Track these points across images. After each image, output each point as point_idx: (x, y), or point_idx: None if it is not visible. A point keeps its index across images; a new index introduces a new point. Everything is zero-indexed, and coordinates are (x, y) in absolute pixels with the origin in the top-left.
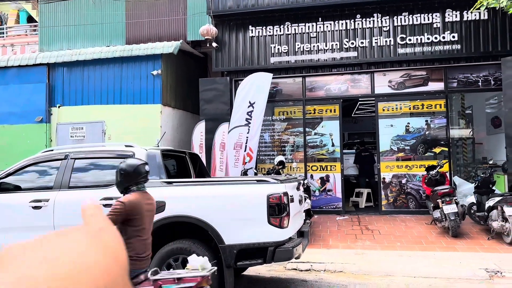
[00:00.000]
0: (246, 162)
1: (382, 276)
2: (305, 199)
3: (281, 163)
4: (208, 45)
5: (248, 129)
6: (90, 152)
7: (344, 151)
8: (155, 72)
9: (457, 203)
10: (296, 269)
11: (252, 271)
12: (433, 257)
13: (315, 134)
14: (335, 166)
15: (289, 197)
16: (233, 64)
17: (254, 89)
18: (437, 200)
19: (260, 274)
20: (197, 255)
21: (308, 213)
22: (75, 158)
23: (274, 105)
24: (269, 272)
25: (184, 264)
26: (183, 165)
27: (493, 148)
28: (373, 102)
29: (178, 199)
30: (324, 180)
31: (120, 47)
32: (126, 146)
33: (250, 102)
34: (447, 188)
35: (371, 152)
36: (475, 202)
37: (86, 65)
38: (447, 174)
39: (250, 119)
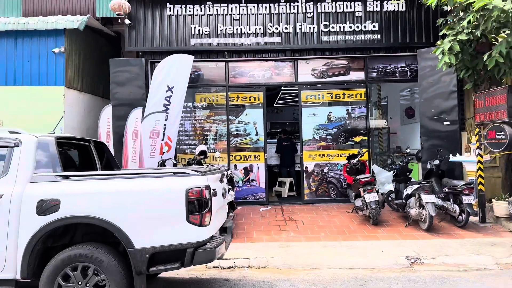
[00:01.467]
0: (164, 152)
1: (307, 270)
2: (228, 191)
3: (202, 152)
4: (120, 21)
5: (167, 116)
6: None
7: (267, 140)
8: (57, 50)
9: (377, 192)
10: (218, 267)
11: (169, 272)
12: (356, 247)
13: (239, 122)
14: (259, 155)
15: (212, 191)
16: (149, 44)
17: (174, 72)
18: (359, 189)
19: (179, 275)
20: (100, 263)
21: (232, 206)
22: None
23: (195, 90)
24: (189, 273)
25: (85, 273)
26: (87, 155)
27: (407, 137)
28: (296, 91)
29: (77, 196)
30: (247, 170)
31: (14, 19)
32: (10, 132)
33: (168, 87)
34: (368, 177)
35: (292, 141)
36: (393, 190)
37: None
38: (367, 163)
39: (169, 105)
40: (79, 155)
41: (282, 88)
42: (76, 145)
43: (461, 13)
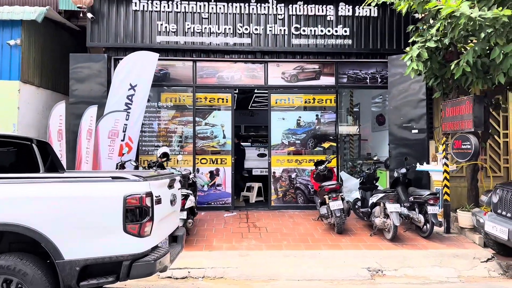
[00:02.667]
0: (124, 154)
1: (265, 281)
2: (187, 197)
3: (165, 155)
4: (82, 15)
5: (128, 115)
6: None
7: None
8: (12, 42)
9: (343, 199)
10: (171, 277)
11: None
12: (318, 257)
13: (206, 124)
14: (226, 159)
15: (154, 198)
16: (113, 40)
17: (137, 70)
18: (324, 196)
19: (127, 285)
20: (25, 275)
21: (192, 212)
22: None
23: (160, 90)
24: (138, 283)
25: None
26: (28, 156)
27: (377, 144)
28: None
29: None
30: (213, 174)
31: None
32: None
33: (131, 85)
34: (333, 184)
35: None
36: (359, 197)
37: None
38: (335, 170)
39: (131, 104)
40: (18, 155)
41: (256, 91)
42: (15, 144)
43: (431, 21)
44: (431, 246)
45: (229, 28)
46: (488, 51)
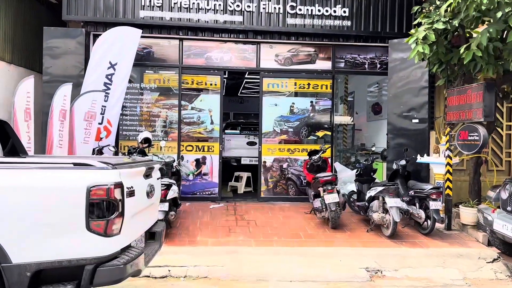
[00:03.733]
0: (101, 138)
1: (253, 282)
2: (169, 187)
3: (146, 140)
4: None
5: (107, 97)
6: None
7: (227, 131)
8: None
9: (338, 192)
10: (149, 277)
11: None
12: (312, 254)
13: (192, 109)
14: (213, 146)
15: (126, 190)
16: (91, 13)
17: (118, 47)
18: (319, 188)
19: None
20: None
21: (175, 203)
22: None
23: (143, 70)
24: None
25: None
26: None
27: (372, 134)
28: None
29: None
30: (199, 163)
31: None
32: None
33: (111, 63)
34: (329, 176)
35: None
36: (355, 190)
37: None
38: (329, 160)
39: (110, 84)
40: None
41: (246, 76)
42: None
43: (438, 1)
44: (432, 244)
45: (219, 4)
46: (502, 35)
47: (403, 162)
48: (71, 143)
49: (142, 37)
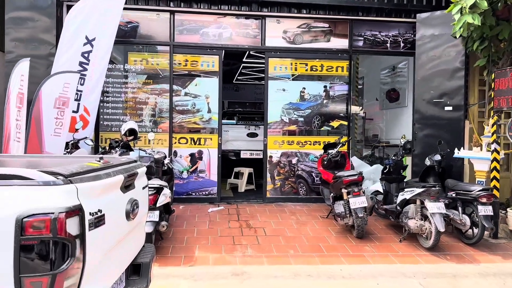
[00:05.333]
0: (77, 129)
1: None
2: (160, 190)
3: (131, 132)
4: None
5: (83, 79)
6: None
7: (224, 121)
8: None
9: (365, 195)
10: None
11: None
12: (340, 276)
13: (186, 94)
14: (211, 139)
15: (90, 218)
16: None
17: (96, 19)
18: (342, 190)
19: None
20: None
21: (167, 209)
22: None
23: (127, 48)
24: None
25: None
26: None
27: (389, 125)
28: (261, 64)
29: None
30: (195, 158)
31: None
32: None
33: (87, 38)
34: (354, 175)
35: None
36: (380, 190)
37: None
38: (348, 155)
39: (87, 64)
40: None
41: (244, 59)
42: None
43: None
44: (483, 258)
45: None
46: None
47: (437, 157)
48: (39, 136)
49: (125, 8)
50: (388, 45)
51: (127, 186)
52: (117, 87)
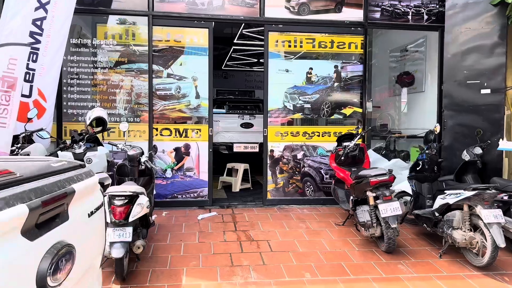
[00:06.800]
0: (30, 119)
1: None
2: (134, 199)
3: (99, 122)
4: None
5: (35, 55)
6: None
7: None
8: None
9: (398, 199)
10: None
11: None
12: None
13: (169, 76)
14: (200, 130)
15: None
16: None
17: None
18: (367, 192)
19: None
20: None
21: (144, 222)
22: None
23: (96, 20)
24: None
25: None
26: None
27: (402, 112)
28: (254, 46)
29: None
30: (181, 153)
31: None
32: None
33: (40, 1)
34: (385, 174)
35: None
36: (406, 191)
37: None
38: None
39: (40, 35)
40: None
41: (235, 41)
42: None
43: None
44: None
45: None
46: None
47: (478, 150)
48: None
49: None
50: (410, 17)
51: (43, 224)
52: (84, 66)
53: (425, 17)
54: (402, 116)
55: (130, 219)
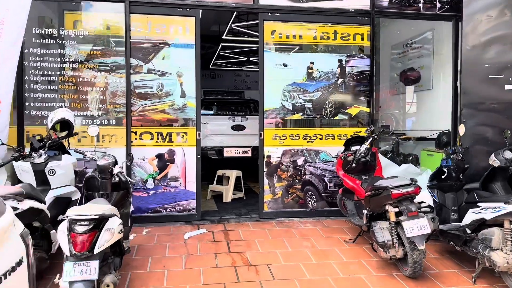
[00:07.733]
0: None
1: None
2: (102, 223)
3: (64, 125)
4: None
5: None
6: None
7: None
8: None
9: (426, 216)
10: None
11: None
12: None
13: (150, 72)
14: (187, 133)
15: None
16: None
17: None
18: (387, 207)
19: None
20: None
21: (117, 251)
22: None
23: (64, 6)
24: None
25: None
26: None
27: (409, 112)
28: (245, 44)
29: None
30: (164, 160)
31: None
32: None
33: None
34: (409, 185)
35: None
36: (424, 201)
37: None
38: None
39: None
40: None
41: (223, 37)
42: None
43: None
44: None
45: None
46: None
47: (509, 154)
48: None
49: None
50: (421, 5)
51: None
52: (50, 61)
53: (438, 5)
54: (406, 116)
55: (96, 250)
